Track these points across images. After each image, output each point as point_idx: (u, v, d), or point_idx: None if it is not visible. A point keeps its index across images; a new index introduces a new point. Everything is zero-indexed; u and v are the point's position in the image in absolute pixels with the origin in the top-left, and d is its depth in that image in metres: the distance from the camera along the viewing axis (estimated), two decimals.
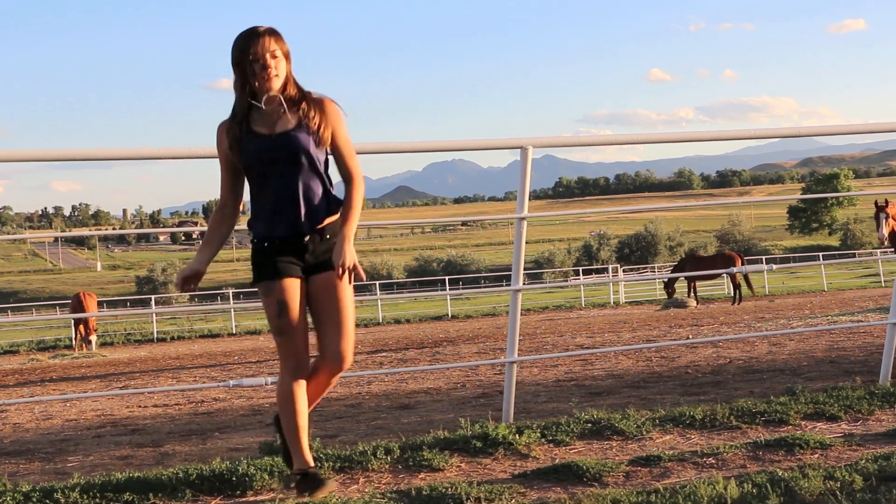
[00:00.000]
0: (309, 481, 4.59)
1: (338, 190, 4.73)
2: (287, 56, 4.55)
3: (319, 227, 4.60)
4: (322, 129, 4.56)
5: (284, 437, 4.78)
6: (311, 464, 4.68)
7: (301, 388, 4.65)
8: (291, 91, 4.59)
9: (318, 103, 4.62)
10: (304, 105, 4.58)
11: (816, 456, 4.93)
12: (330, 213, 4.64)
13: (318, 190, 4.61)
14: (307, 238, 4.59)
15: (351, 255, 4.48)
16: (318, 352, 4.68)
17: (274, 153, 4.53)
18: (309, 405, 4.74)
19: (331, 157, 4.68)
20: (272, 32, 4.51)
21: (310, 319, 4.73)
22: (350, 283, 4.58)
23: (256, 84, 4.48)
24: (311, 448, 4.76)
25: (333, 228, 4.62)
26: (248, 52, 4.46)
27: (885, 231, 17.41)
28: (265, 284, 4.61)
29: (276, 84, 4.50)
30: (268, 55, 4.46)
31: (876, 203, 17.85)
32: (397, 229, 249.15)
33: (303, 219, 4.57)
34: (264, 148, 4.53)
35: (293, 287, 4.59)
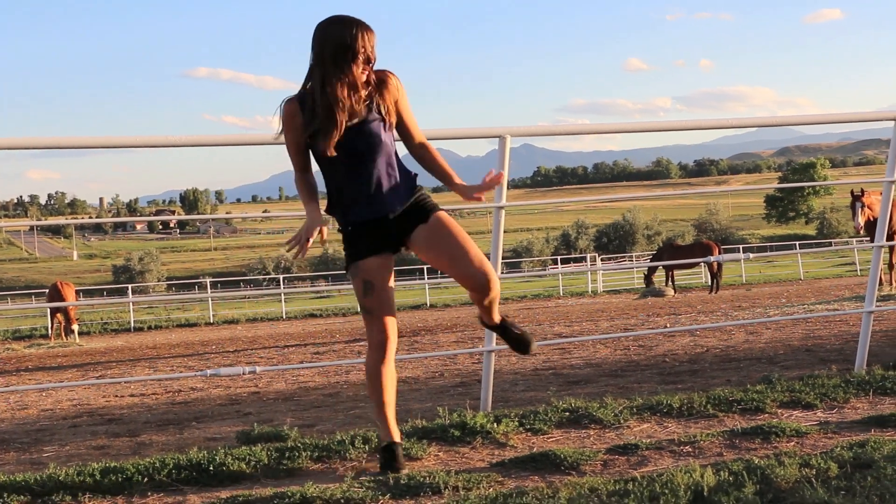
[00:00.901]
0: (387, 454, 4.77)
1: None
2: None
3: (404, 207, 4.71)
4: (390, 112, 4.65)
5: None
6: (396, 438, 4.84)
7: (387, 365, 4.80)
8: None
9: (383, 84, 4.62)
10: (372, 90, 4.59)
11: (792, 444, 4.95)
12: (409, 190, 4.74)
13: (395, 171, 4.70)
14: (391, 216, 4.69)
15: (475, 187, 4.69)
16: (464, 285, 4.77)
17: (349, 145, 4.56)
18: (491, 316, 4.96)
19: None
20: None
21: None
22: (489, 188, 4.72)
23: (350, 77, 4.46)
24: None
25: (416, 201, 4.73)
26: (357, 42, 4.43)
27: (861, 220, 17.50)
28: (352, 266, 4.76)
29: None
30: (372, 50, 4.49)
31: (852, 192, 17.94)
32: None
33: (386, 203, 4.66)
34: (353, 140, 4.56)
35: (377, 265, 4.73)
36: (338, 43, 4.43)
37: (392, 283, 4.82)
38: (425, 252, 4.76)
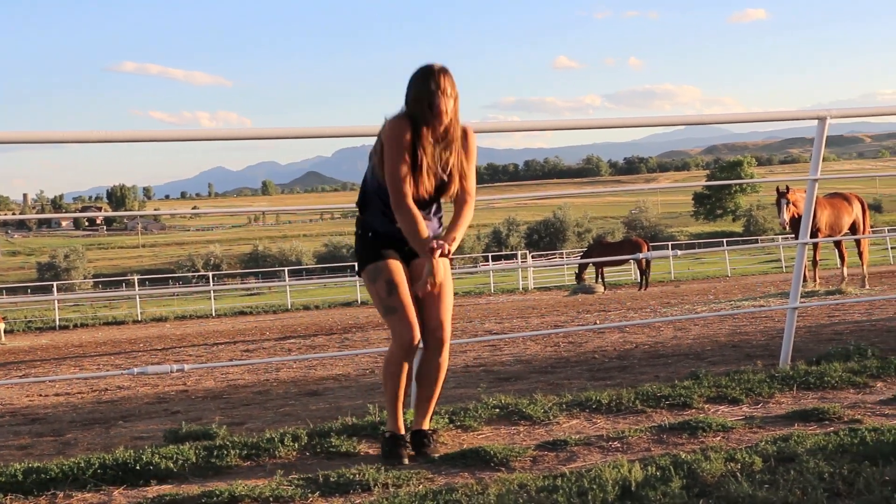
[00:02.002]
0: (392, 444, 4.97)
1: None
2: (456, 99, 4.87)
3: None
4: (459, 169, 4.97)
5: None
6: (402, 430, 5.04)
7: (410, 363, 5.05)
8: (453, 130, 4.90)
9: (465, 140, 4.98)
10: (455, 145, 4.93)
11: (718, 438, 5.01)
12: (436, 224, 5.07)
13: (434, 208, 5.04)
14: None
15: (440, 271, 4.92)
16: (421, 327, 4.99)
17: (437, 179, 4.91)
18: (428, 387, 5.11)
19: None
20: (447, 71, 4.87)
21: None
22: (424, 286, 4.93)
23: (431, 112, 4.80)
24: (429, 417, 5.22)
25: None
26: (430, 84, 4.77)
27: (787, 217, 17.76)
28: (373, 267, 4.97)
29: (446, 119, 4.82)
30: (449, 90, 4.81)
31: (777, 189, 18.20)
32: (306, 215, 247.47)
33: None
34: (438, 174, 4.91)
35: (399, 267, 4.96)
36: (418, 86, 4.87)
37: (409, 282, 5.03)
38: (413, 281, 5.00)
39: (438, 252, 4.83)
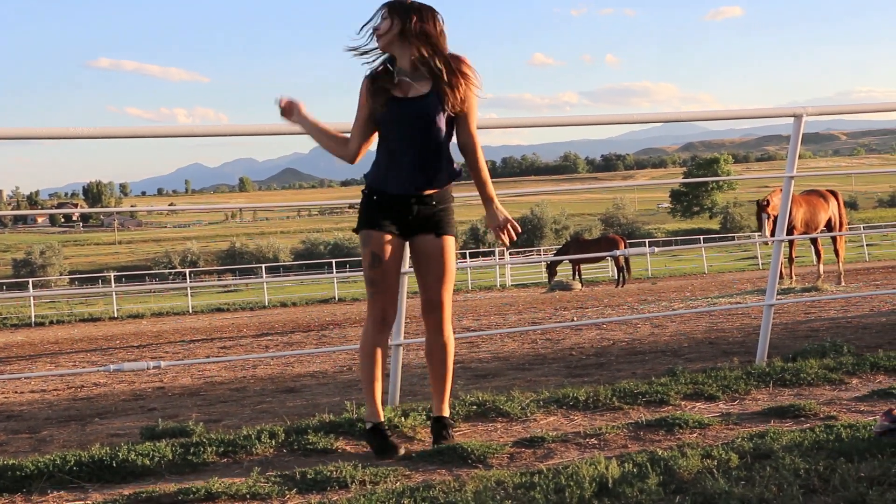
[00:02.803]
0: (376, 436, 4.98)
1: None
2: (395, 16, 4.79)
3: (428, 192, 4.90)
4: (455, 99, 4.82)
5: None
6: (381, 418, 5.04)
7: (383, 342, 4.96)
8: (427, 54, 4.78)
9: (457, 71, 4.82)
10: (443, 70, 4.78)
11: (695, 435, 5.03)
12: (442, 182, 4.94)
13: (438, 159, 4.87)
14: (413, 199, 4.87)
15: (503, 214, 4.96)
16: (421, 305, 5.03)
17: (402, 117, 4.79)
18: (437, 367, 5.11)
19: None
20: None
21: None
22: (507, 239, 4.93)
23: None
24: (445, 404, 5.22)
25: (441, 196, 4.94)
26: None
27: (768, 232, 17.83)
28: (365, 233, 4.95)
29: (382, 43, 4.81)
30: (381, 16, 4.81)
31: (758, 203, 18.24)
32: (283, 212, 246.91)
33: (415, 182, 4.84)
34: (394, 111, 4.81)
35: (389, 243, 4.91)
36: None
37: (401, 267, 5.05)
38: (414, 257, 5.02)
39: None
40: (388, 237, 4.91)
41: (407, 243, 5.06)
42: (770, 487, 3.70)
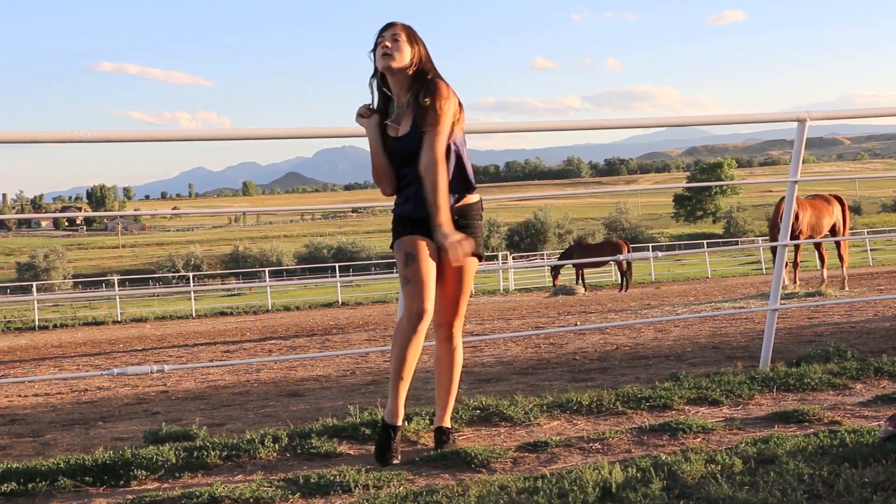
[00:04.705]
0: (380, 437, 4.94)
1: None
2: (414, 43, 4.86)
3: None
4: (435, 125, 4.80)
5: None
6: (399, 421, 4.98)
7: (417, 338, 4.84)
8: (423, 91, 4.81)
9: (435, 96, 4.81)
10: (425, 99, 4.80)
11: (699, 440, 5.02)
12: (458, 196, 4.94)
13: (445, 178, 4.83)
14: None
15: (452, 240, 4.74)
16: (433, 314, 4.97)
17: (399, 153, 4.90)
18: (444, 375, 5.14)
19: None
20: (404, 24, 4.91)
21: None
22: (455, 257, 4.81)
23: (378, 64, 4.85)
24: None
25: (463, 211, 4.98)
26: (378, 35, 4.86)
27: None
28: (397, 242, 4.96)
29: (393, 63, 4.80)
30: (388, 38, 4.82)
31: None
32: (287, 216, 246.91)
33: (427, 207, 4.83)
34: (392, 148, 4.92)
35: (421, 243, 4.89)
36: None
37: (434, 262, 4.95)
38: (439, 273, 4.98)
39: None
40: (419, 239, 4.90)
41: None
42: (774, 493, 3.69)
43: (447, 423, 5.18)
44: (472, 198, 5.00)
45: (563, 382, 7.83)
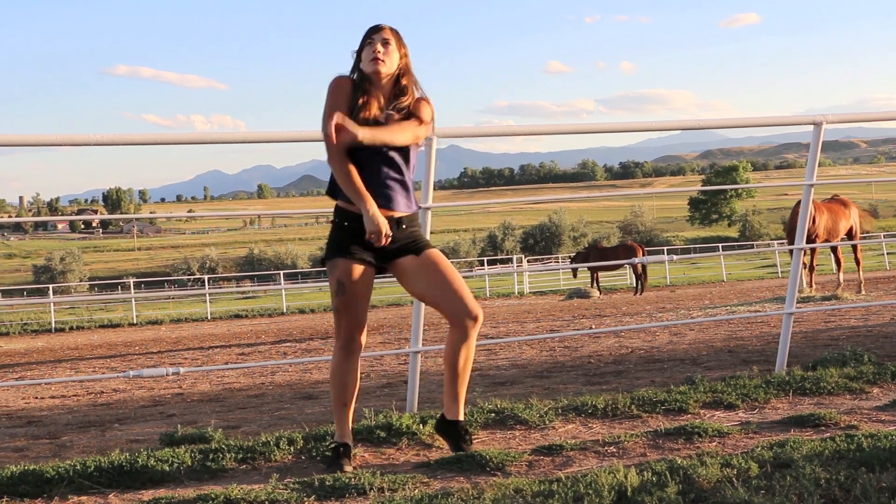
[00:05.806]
0: (336, 453, 4.91)
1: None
2: (401, 48, 4.94)
3: (397, 216, 4.92)
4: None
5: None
6: (348, 440, 5.01)
7: (351, 365, 4.98)
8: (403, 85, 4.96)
9: (419, 108, 4.95)
10: (409, 105, 4.94)
11: (714, 444, 5.01)
12: (408, 205, 4.98)
13: (398, 183, 4.92)
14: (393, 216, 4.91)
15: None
16: (448, 320, 4.99)
17: (376, 153, 4.87)
18: (462, 369, 5.04)
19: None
20: (392, 29, 4.96)
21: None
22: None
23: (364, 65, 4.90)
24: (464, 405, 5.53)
25: (411, 219, 4.98)
26: (367, 37, 4.91)
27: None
28: (332, 262, 4.93)
29: (383, 68, 4.87)
30: (379, 41, 4.88)
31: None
32: (302, 218, 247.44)
33: (391, 201, 4.89)
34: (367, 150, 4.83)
35: (356, 271, 4.90)
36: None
37: (369, 294, 5.03)
38: (412, 282, 5.01)
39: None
40: (355, 265, 4.91)
41: (382, 272, 5.10)
42: (790, 497, 3.68)
43: (462, 416, 5.16)
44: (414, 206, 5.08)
45: (578, 386, 7.82)
